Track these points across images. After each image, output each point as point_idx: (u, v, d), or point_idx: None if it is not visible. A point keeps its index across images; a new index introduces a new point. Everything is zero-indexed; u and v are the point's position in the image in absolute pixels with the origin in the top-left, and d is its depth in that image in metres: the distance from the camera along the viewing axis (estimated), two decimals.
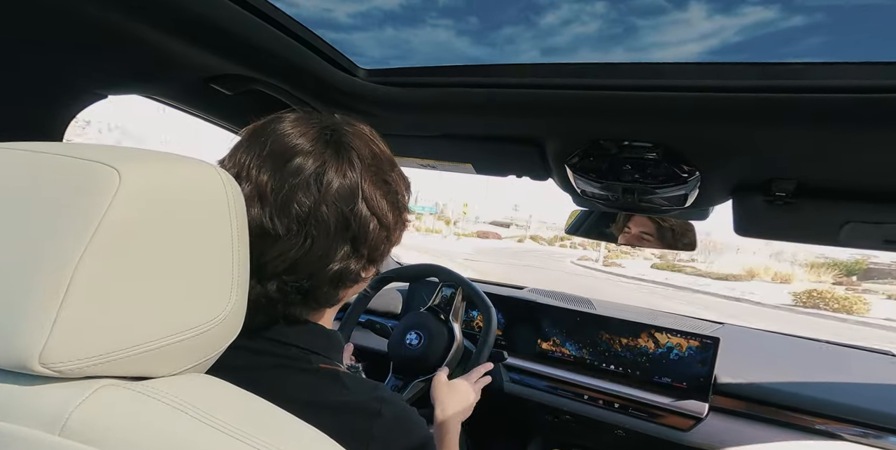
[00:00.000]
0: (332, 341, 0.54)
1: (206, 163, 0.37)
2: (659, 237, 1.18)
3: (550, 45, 0.95)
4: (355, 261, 0.48)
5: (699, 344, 1.14)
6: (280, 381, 0.45)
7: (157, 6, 0.57)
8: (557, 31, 0.96)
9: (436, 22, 0.78)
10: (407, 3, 0.87)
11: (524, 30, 0.93)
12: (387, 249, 0.51)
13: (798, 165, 0.79)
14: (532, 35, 0.93)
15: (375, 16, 0.86)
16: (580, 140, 0.88)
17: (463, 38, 0.82)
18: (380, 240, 0.49)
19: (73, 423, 0.28)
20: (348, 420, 0.44)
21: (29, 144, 0.33)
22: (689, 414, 1.08)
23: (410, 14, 0.90)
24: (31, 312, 0.27)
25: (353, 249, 0.47)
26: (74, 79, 0.74)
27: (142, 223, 0.30)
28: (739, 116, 0.66)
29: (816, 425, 1.02)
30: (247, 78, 0.79)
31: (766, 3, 0.70)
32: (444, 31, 0.80)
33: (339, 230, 0.45)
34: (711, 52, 0.77)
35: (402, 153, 1.15)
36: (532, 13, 0.91)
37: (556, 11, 0.92)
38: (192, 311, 0.34)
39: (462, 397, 0.85)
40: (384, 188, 0.49)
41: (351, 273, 0.48)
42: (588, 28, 0.90)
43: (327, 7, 0.79)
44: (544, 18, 0.93)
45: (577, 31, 0.94)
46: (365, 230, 0.47)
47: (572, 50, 1.00)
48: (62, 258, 0.28)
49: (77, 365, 0.28)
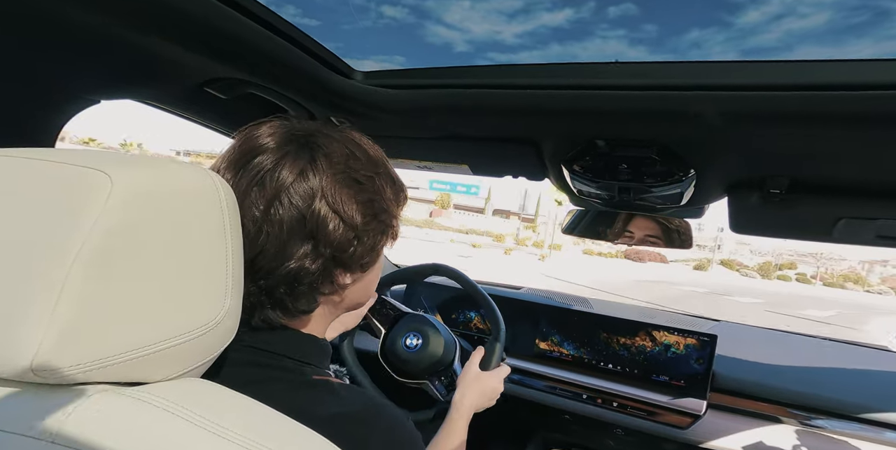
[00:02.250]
0: (323, 350, 0.54)
1: (198, 167, 0.37)
2: (657, 236, 1.19)
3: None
4: (312, 260, 0.46)
5: (696, 342, 1.14)
6: (276, 394, 0.45)
7: (150, 10, 0.57)
8: None
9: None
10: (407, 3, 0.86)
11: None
12: (360, 253, 0.49)
13: (791, 162, 0.80)
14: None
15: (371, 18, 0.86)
16: (576, 140, 0.88)
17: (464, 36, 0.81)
18: (345, 241, 0.47)
19: (68, 430, 0.28)
20: (345, 429, 0.44)
21: (21, 151, 0.33)
22: (688, 412, 1.08)
23: (406, 16, 0.90)
24: (24, 319, 0.27)
25: (312, 249, 0.46)
26: (67, 84, 0.74)
27: (134, 228, 0.30)
28: (732, 114, 0.66)
29: (814, 421, 1.02)
30: (242, 82, 0.79)
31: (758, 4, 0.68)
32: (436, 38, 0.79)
33: (293, 228, 0.45)
34: (701, 50, 0.76)
35: (399, 155, 1.15)
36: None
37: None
38: (186, 315, 0.34)
39: (484, 389, 0.88)
40: (354, 187, 0.48)
41: (308, 274, 0.46)
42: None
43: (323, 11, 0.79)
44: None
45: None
46: (324, 229, 0.45)
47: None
48: (54, 264, 0.28)
49: (70, 372, 0.28)
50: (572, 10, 1.01)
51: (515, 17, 1.08)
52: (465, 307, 1.40)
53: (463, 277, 1.06)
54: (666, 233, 1.20)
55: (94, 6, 0.56)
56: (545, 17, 1.10)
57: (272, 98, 0.86)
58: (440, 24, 0.78)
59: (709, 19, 0.89)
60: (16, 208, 0.30)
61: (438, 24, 0.78)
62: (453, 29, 0.91)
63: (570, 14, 1.06)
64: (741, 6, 0.85)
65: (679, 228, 1.18)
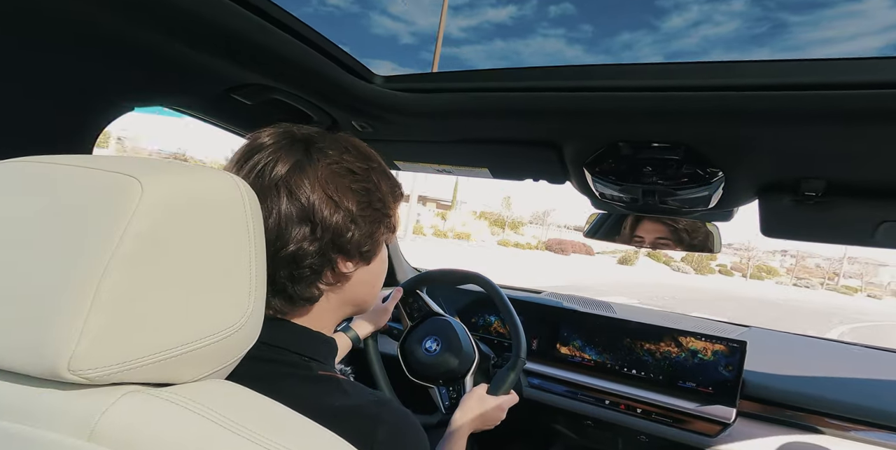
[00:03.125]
0: (330, 347, 0.55)
1: (223, 172, 0.38)
2: (677, 240, 1.16)
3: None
4: (310, 242, 0.48)
5: (725, 348, 1.11)
6: (284, 389, 0.46)
7: (180, 18, 0.59)
8: None
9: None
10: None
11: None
12: (359, 239, 0.51)
13: (828, 164, 0.77)
14: None
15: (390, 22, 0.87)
16: (598, 142, 0.87)
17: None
18: (342, 225, 0.49)
19: (102, 428, 0.29)
20: (351, 425, 0.44)
21: (57, 157, 0.34)
22: (716, 419, 1.05)
23: (350, 5, 0.90)
24: (61, 321, 0.28)
25: (310, 232, 0.48)
26: (103, 92, 0.77)
27: (164, 232, 0.31)
28: (762, 114, 0.64)
29: (853, 432, 0.98)
30: (267, 87, 0.81)
31: None
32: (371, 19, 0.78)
33: (290, 216, 0.47)
34: (731, 49, 0.75)
35: (418, 159, 1.15)
36: None
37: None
38: (213, 317, 0.35)
39: (485, 412, 0.89)
40: (349, 177, 0.50)
41: (307, 255, 0.48)
42: None
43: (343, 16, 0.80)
44: None
45: None
46: (320, 214, 0.48)
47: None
48: (89, 268, 0.29)
49: (104, 372, 0.29)
50: (515, 8, 0.99)
51: (461, 10, 1.07)
52: (486, 311, 1.39)
53: (498, 294, 1.04)
54: (690, 236, 1.17)
55: (126, 15, 0.59)
56: (490, 12, 1.08)
57: (296, 103, 0.88)
58: (384, 15, 0.78)
59: (638, 22, 0.89)
60: (53, 214, 0.31)
61: (383, 15, 0.78)
62: (398, 21, 0.91)
63: (514, 11, 1.04)
64: (666, 11, 0.85)
65: (704, 231, 1.15)
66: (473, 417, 0.86)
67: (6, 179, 0.33)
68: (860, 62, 0.57)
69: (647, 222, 1.18)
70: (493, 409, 0.89)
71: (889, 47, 22.64)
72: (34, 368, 0.29)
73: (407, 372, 1.03)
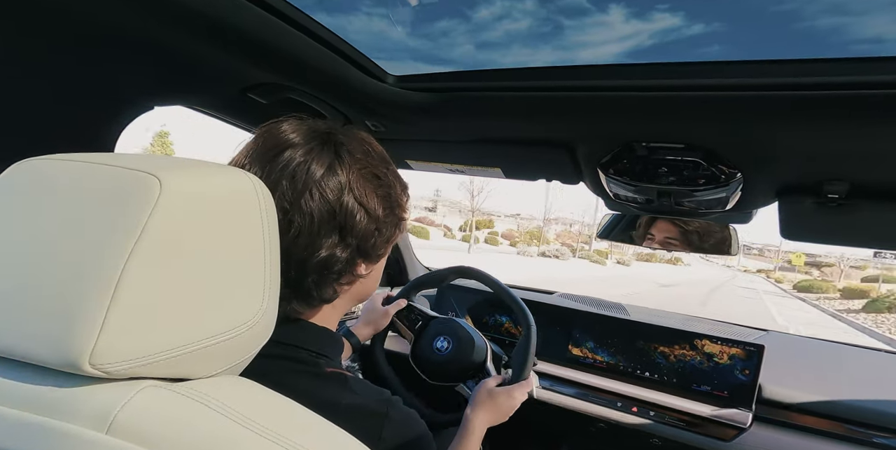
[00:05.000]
0: (336, 344, 0.56)
1: (239, 170, 0.38)
2: (688, 242, 1.14)
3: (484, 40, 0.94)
4: (341, 249, 0.49)
5: (742, 352, 1.09)
6: (292, 385, 0.45)
7: (201, 19, 0.59)
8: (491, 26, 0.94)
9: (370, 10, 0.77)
10: None
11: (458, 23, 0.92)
12: (379, 244, 0.52)
13: (850, 165, 0.75)
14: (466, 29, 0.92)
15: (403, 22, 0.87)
16: (613, 142, 0.86)
17: (394, 28, 0.81)
18: (369, 232, 0.50)
19: (120, 422, 0.30)
20: (358, 422, 0.45)
21: (79, 155, 0.35)
22: (732, 424, 1.03)
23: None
24: (82, 315, 0.29)
25: (340, 239, 0.48)
26: (125, 91, 0.78)
27: (182, 229, 0.32)
28: (780, 114, 0.63)
29: (875, 439, 0.95)
30: (282, 86, 0.82)
31: None
32: (378, 19, 0.78)
33: (324, 219, 0.47)
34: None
35: (431, 158, 1.15)
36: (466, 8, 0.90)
37: (489, 7, 0.91)
38: (228, 314, 0.35)
39: (497, 407, 0.87)
40: (375, 182, 0.51)
41: (338, 261, 0.49)
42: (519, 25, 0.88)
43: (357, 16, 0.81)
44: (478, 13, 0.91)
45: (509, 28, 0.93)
46: (352, 220, 0.48)
47: (505, 46, 0.98)
48: (109, 264, 0.29)
49: (124, 366, 0.30)
50: None
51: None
52: (497, 311, 1.39)
53: (489, 278, 1.05)
54: (702, 238, 1.15)
55: (147, 17, 0.60)
56: None
57: (310, 102, 0.89)
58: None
59: (454, 12, 0.90)
60: (75, 210, 0.32)
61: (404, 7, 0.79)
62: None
63: None
64: (476, 3, 0.87)
65: (721, 233, 1.13)
66: (485, 410, 0.85)
67: (30, 177, 0.34)
68: (884, 61, 0.55)
69: (661, 223, 1.16)
70: (504, 398, 0.88)
71: (623, 54, 23.14)
72: (55, 361, 0.30)
73: (429, 378, 1.03)
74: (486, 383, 0.92)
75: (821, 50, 0.58)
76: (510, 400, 0.89)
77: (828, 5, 0.63)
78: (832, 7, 0.63)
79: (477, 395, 0.89)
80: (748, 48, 0.67)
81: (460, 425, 0.83)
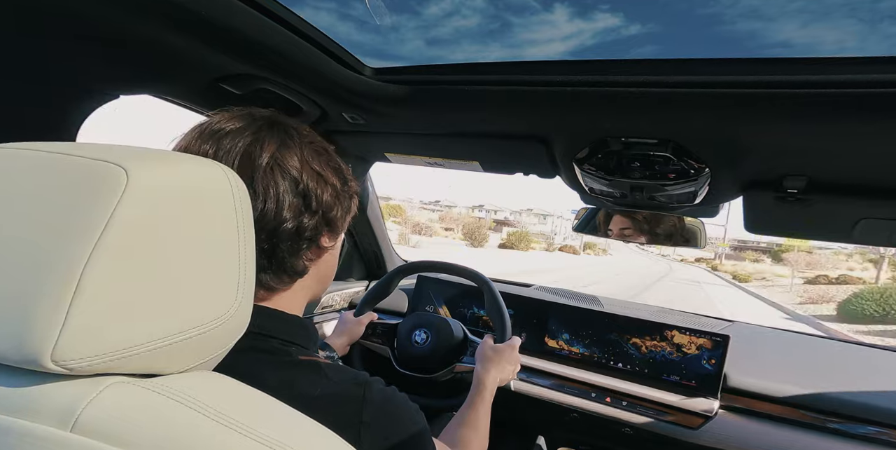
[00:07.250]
0: (308, 331, 0.55)
1: (211, 161, 0.37)
2: (664, 235, 1.18)
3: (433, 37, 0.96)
4: (308, 217, 0.51)
5: (709, 342, 1.13)
6: (264, 376, 0.45)
7: (168, 6, 0.57)
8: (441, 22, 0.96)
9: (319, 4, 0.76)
10: None
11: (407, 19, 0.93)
12: (341, 214, 0.55)
13: (809, 162, 0.78)
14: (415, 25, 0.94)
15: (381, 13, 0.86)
16: (587, 137, 0.87)
17: (347, 23, 0.80)
18: (331, 200, 0.52)
19: (85, 419, 0.29)
20: (337, 409, 0.44)
21: (39, 144, 0.33)
22: (699, 412, 1.07)
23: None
24: (43, 311, 0.28)
25: (306, 207, 0.50)
26: (87, 79, 0.75)
27: (150, 222, 0.31)
28: (747, 112, 0.65)
29: (829, 424, 1.00)
30: (256, 77, 0.80)
31: None
32: (326, 13, 0.78)
33: (289, 189, 0.49)
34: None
35: (410, 151, 1.15)
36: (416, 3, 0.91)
37: (439, 3, 0.92)
38: (199, 308, 0.34)
39: (506, 359, 0.93)
40: (325, 156, 0.53)
41: (306, 228, 0.51)
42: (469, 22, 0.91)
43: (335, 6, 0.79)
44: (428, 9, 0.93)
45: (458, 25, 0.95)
46: (314, 190, 0.50)
47: (455, 43, 1.00)
48: (72, 257, 0.28)
49: (88, 362, 0.29)
50: None
51: None
52: (475, 303, 1.40)
53: (428, 262, 1.11)
54: (677, 232, 1.19)
55: (114, 3, 0.57)
56: None
57: (284, 93, 0.87)
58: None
59: (403, 6, 0.93)
60: (35, 201, 0.30)
61: None
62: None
63: None
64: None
65: (692, 227, 1.17)
66: (494, 364, 0.90)
67: None
68: (843, 62, 0.58)
69: (629, 218, 1.20)
70: (509, 351, 0.93)
71: (568, 53, 24.25)
72: (16, 357, 0.28)
73: (427, 374, 1.05)
74: (485, 341, 0.97)
75: (740, 51, 0.61)
76: (513, 351, 0.95)
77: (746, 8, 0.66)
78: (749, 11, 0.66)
79: (482, 353, 0.94)
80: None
81: (472, 385, 0.87)
